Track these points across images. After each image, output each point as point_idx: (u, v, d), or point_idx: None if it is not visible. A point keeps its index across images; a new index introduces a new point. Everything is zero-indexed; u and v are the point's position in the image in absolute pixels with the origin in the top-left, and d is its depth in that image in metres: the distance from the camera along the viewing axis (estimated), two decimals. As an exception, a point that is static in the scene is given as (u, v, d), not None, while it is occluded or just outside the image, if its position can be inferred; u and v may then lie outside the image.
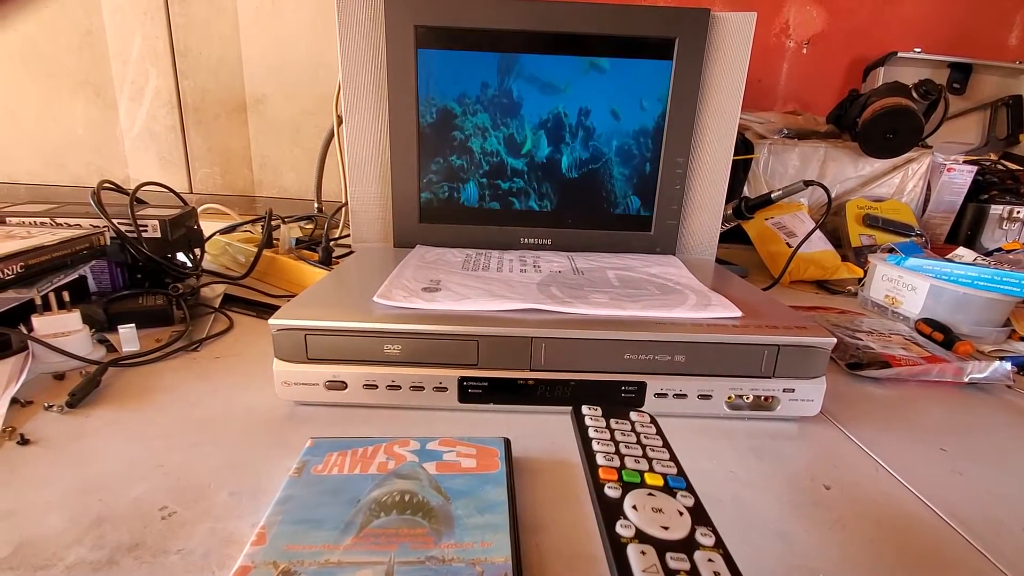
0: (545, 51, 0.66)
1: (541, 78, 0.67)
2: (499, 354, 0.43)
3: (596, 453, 0.24)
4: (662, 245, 0.72)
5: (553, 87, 0.67)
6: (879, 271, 0.79)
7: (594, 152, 0.69)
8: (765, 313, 0.47)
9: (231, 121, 1.08)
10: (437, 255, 0.62)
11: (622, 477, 0.22)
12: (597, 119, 0.68)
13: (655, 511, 0.20)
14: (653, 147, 0.69)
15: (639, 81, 0.67)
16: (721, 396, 0.44)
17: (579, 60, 0.66)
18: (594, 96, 0.68)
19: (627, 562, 0.18)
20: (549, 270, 0.57)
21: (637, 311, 0.45)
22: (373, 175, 0.71)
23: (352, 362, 0.43)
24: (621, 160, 0.69)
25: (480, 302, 0.45)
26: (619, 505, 0.21)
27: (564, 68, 0.66)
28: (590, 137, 0.69)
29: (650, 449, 0.25)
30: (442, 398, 0.44)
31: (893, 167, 1.06)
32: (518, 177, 0.70)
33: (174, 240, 0.69)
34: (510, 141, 0.69)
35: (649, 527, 0.20)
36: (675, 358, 0.43)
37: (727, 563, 0.18)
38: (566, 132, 0.69)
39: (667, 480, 0.23)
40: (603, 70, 0.66)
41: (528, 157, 0.69)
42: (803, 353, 0.43)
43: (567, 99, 0.68)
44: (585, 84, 0.67)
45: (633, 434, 0.26)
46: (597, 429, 0.26)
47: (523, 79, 0.67)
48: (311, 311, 0.44)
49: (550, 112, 0.68)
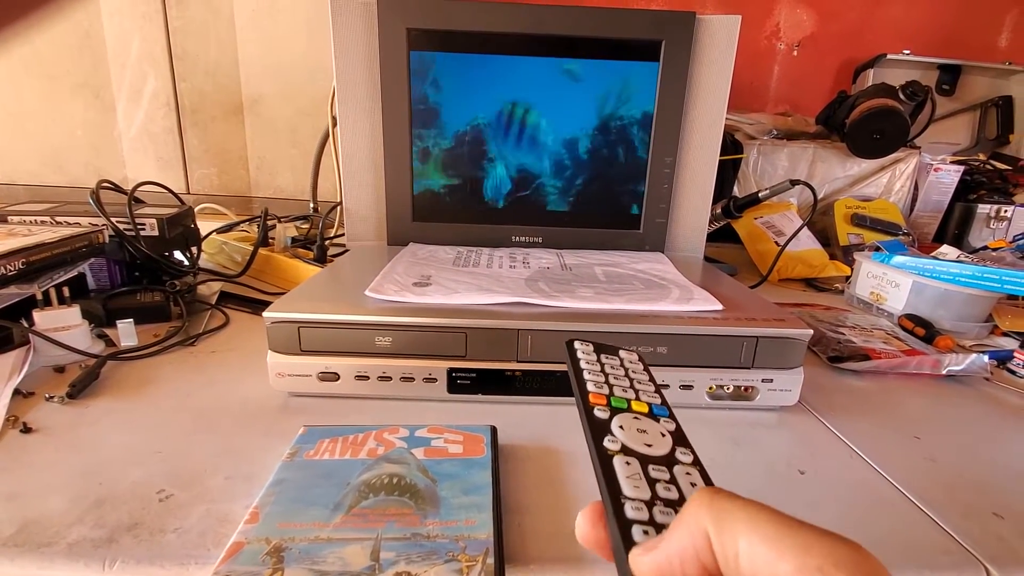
0: (534, 53, 0.67)
1: (532, 79, 0.68)
2: (487, 346, 0.44)
3: (587, 381, 0.26)
4: (651, 243, 0.73)
5: (543, 88, 0.68)
6: (864, 268, 0.80)
7: (583, 152, 0.71)
8: (746, 307, 0.48)
9: (228, 122, 1.09)
10: (429, 252, 0.64)
11: (610, 403, 0.24)
12: (586, 120, 0.70)
13: (640, 432, 0.22)
14: (641, 147, 0.70)
15: (627, 83, 0.68)
16: (702, 387, 0.45)
17: (568, 62, 0.67)
18: (583, 97, 0.69)
19: (613, 470, 0.20)
20: (538, 266, 0.58)
21: (621, 304, 0.46)
22: (367, 175, 0.73)
23: (344, 354, 0.45)
24: (610, 160, 0.71)
25: (469, 296, 0.47)
26: (607, 424, 0.22)
27: (554, 70, 0.68)
28: (579, 138, 0.70)
29: (637, 382, 0.26)
30: (432, 389, 0.45)
31: (881, 167, 1.08)
32: (509, 176, 0.71)
33: (171, 238, 0.70)
34: (501, 141, 0.70)
35: (633, 444, 0.21)
36: (657, 349, 0.44)
37: (703, 476, 0.20)
38: (556, 132, 0.70)
39: (652, 408, 0.24)
40: (592, 71, 0.68)
41: (518, 157, 0.71)
42: (781, 344, 0.45)
43: (557, 100, 0.69)
44: (574, 85, 0.68)
45: (622, 368, 0.28)
46: (588, 361, 0.28)
47: (513, 80, 0.68)
48: (305, 304, 0.45)
49: (540, 113, 0.69)
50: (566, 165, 0.71)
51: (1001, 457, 0.43)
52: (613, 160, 0.71)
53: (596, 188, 0.72)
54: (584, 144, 0.70)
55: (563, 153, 0.71)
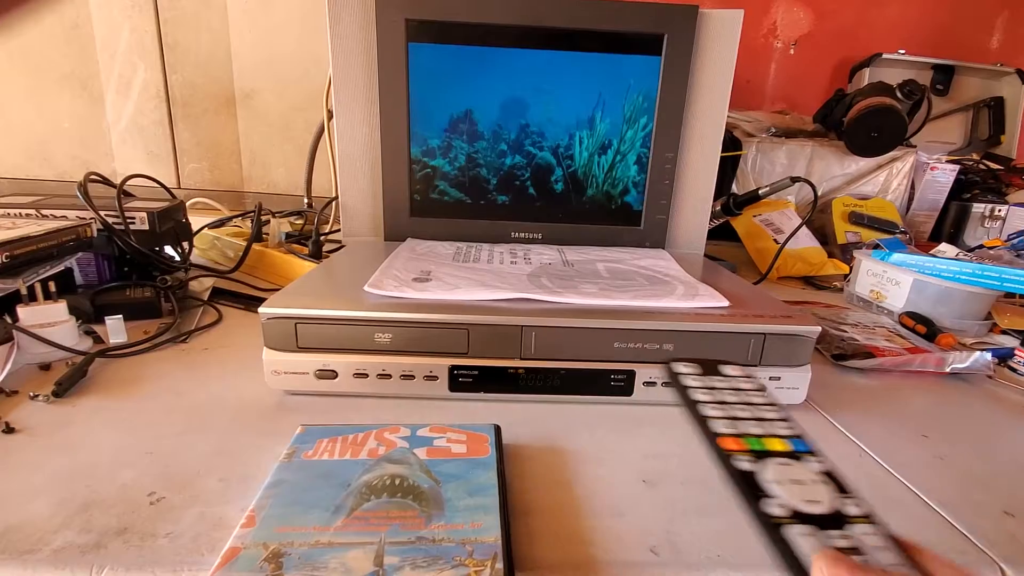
0: (535, 46, 0.66)
1: (531, 73, 0.67)
2: (489, 343, 0.43)
3: (710, 419, 0.23)
4: (652, 239, 0.72)
5: (543, 82, 0.67)
6: (864, 266, 0.80)
7: (584, 147, 0.70)
8: (752, 303, 0.48)
9: (220, 115, 1.07)
10: (428, 247, 0.62)
11: (751, 447, 0.21)
12: (587, 114, 0.69)
13: (795, 483, 0.19)
14: (643, 143, 0.69)
15: (629, 77, 0.67)
16: (709, 384, 0.45)
17: (569, 55, 0.66)
18: (584, 91, 0.68)
19: (791, 546, 0.17)
20: (540, 262, 0.57)
21: (626, 300, 0.45)
22: (363, 169, 0.71)
23: (342, 351, 0.43)
24: (611, 156, 0.70)
25: (470, 292, 0.46)
26: (756, 481, 0.19)
27: (554, 63, 0.67)
28: (580, 132, 0.69)
29: (761, 409, 0.23)
30: (432, 387, 0.44)
31: (878, 165, 1.08)
32: (508, 172, 0.70)
33: (162, 233, 0.69)
34: (500, 136, 0.69)
35: (798, 503, 0.18)
36: (663, 346, 0.43)
37: (883, 533, 0.17)
38: (556, 127, 0.69)
39: (793, 445, 0.21)
40: (593, 65, 0.67)
41: (518, 152, 0.70)
42: (789, 341, 0.44)
43: (557, 94, 0.68)
44: (575, 79, 0.67)
45: (736, 392, 0.25)
46: (702, 390, 0.25)
47: (513, 74, 0.67)
48: (302, 300, 0.44)
49: (539, 106, 0.68)
50: (566, 160, 0.70)
51: (1009, 455, 0.43)
52: (614, 156, 0.70)
53: (596, 184, 0.71)
54: (584, 139, 0.69)
55: (563, 148, 0.70)
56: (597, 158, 0.70)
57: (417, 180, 0.70)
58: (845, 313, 0.73)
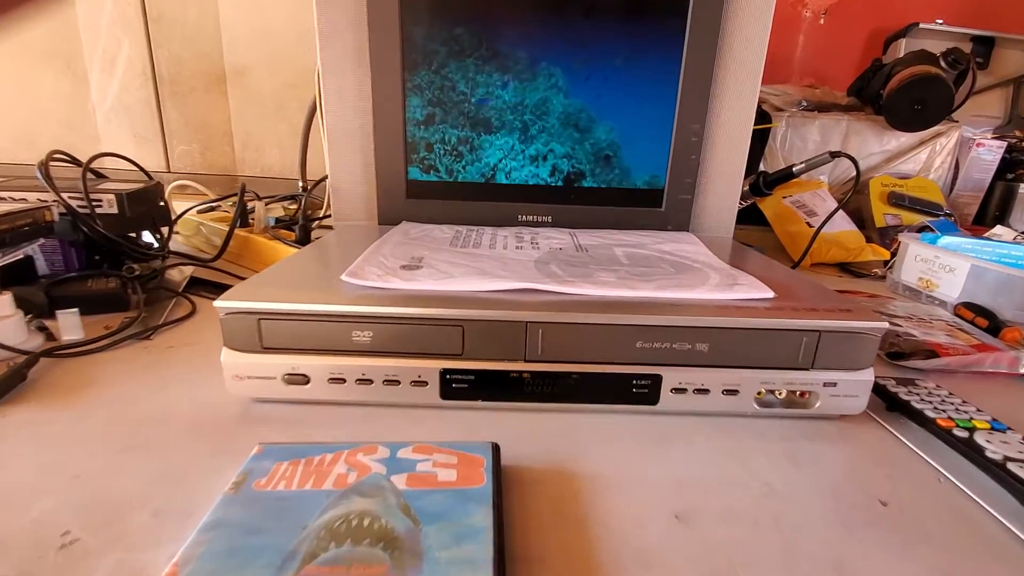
0: (546, 11, 0.58)
1: (540, 41, 0.59)
2: (488, 342, 0.36)
3: (921, 410, 0.35)
4: (674, 222, 0.65)
5: (554, 50, 0.60)
6: (912, 251, 0.72)
7: (599, 120, 0.62)
8: (800, 294, 0.40)
9: (209, 94, 1.00)
10: (423, 231, 0.56)
11: (958, 424, 0.30)
12: (603, 84, 0.61)
13: (1003, 443, 0.29)
14: (665, 113, 0.62)
15: (650, 41, 0.59)
16: (750, 391, 0.38)
17: (583, 20, 0.59)
18: (599, 59, 0.60)
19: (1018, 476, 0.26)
20: (549, 247, 0.50)
21: (651, 292, 0.38)
22: (355, 147, 0.64)
23: (315, 351, 0.37)
24: (629, 128, 0.62)
25: (467, 281, 0.39)
26: (973, 441, 0.30)
27: (566, 29, 0.59)
28: (595, 104, 0.62)
29: (958, 406, 0.35)
30: (421, 394, 0.37)
31: (920, 142, 0.99)
32: (515, 148, 0.63)
33: (134, 217, 0.62)
34: (506, 109, 0.62)
35: (1009, 452, 0.28)
36: (696, 347, 0.36)
37: None
38: (569, 98, 0.61)
39: (992, 424, 0.31)
40: (612, 29, 0.59)
41: (526, 126, 0.62)
42: (848, 340, 0.36)
43: (569, 63, 0.60)
44: (590, 46, 0.60)
45: (936, 396, 0.36)
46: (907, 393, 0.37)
47: (521, 42, 0.59)
48: (268, 291, 0.37)
49: (550, 77, 0.61)
50: (580, 135, 0.62)
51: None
52: (633, 129, 0.62)
53: (613, 161, 0.63)
54: (601, 111, 0.62)
55: (577, 121, 0.62)
56: (614, 131, 0.62)
57: (413, 159, 0.63)
58: (892, 304, 0.65)
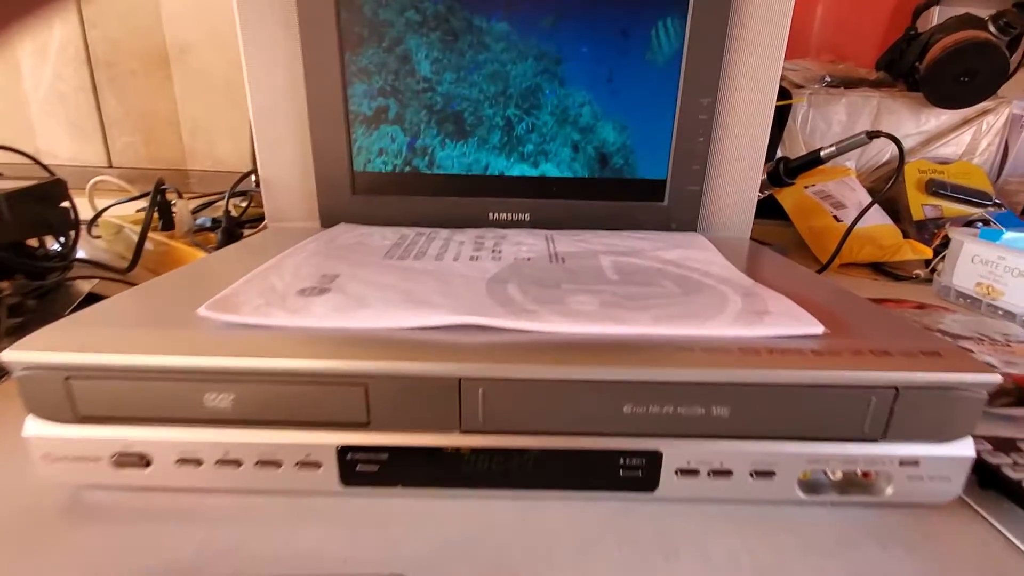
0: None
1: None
2: (406, 407, 0.25)
3: None
4: (679, 219, 0.53)
5: (531, 12, 0.48)
6: (967, 251, 0.59)
7: (586, 94, 0.50)
8: (861, 326, 0.28)
9: (151, 78, 0.89)
10: (358, 237, 0.44)
11: None
12: (589, 52, 0.49)
13: None
14: (667, 85, 0.49)
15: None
16: (791, 472, 0.26)
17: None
18: (586, 21, 0.48)
19: None
20: (514, 257, 0.38)
21: (646, 326, 0.27)
22: (290, 132, 0.53)
23: (155, 422, 0.25)
24: (623, 105, 0.50)
25: (381, 314, 0.27)
26: None
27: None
28: (581, 74, 0.49)
29: None
30: (314, 479, 0.26)
31: (963, 121, 0.86)
32: (484, 130, 0.51)
33: (23, 222, 0.51)
34: (474, 82, 0.50)
35: None
36: (713, 411, 0.25)
37: None
38: (549, 69, 0.49)
39: None
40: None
41: (498, 103, 0.50)
42: (938, 400, 0.25)
43: (551, 26, 0.48)
44: (574, 6, 0.48)
45: None
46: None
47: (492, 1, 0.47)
48: (81, 336, 0.25)
49: (526, 43, 0.49)
50: (562, 113, 0.51)
51: None
52: (627, 105, 0.50)
53: (604, 144, 0.51)
54: (587, 83, 0.50)
55: (558, 97, 0.50)
56: (604, 108, 0.50)
57: (360, 146, 0.51)
58: (948, 317, 0.53)
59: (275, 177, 0.54)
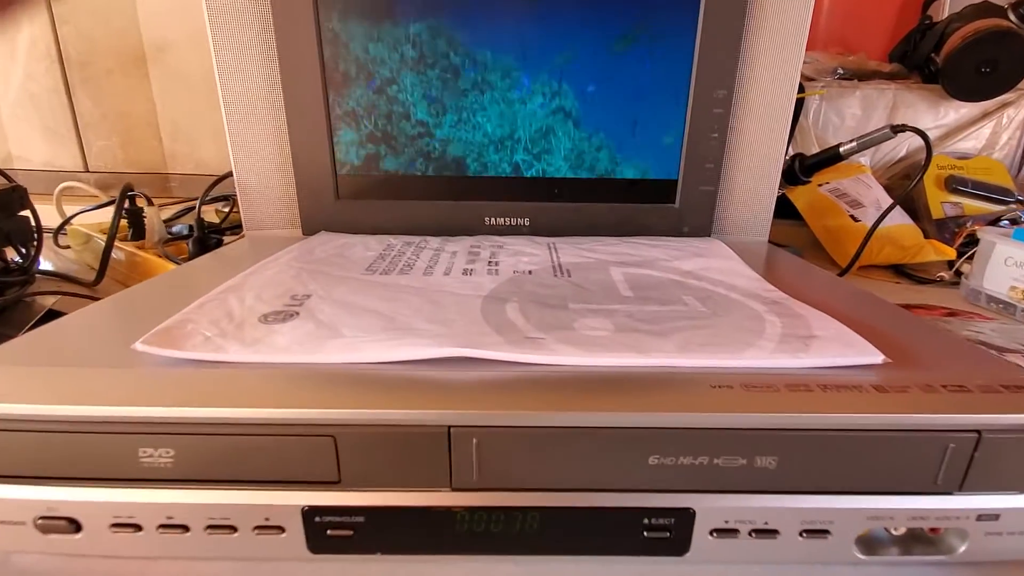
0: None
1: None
2: (384, 461, 0.20)
3: None
4: (691, 223, 0.48)
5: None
6: (1000, 252, 0.55)
7: (591, 88, 0.46)
8: (925, 355, 0.24)
9: (128, 78, 0.84)
10: (338, 247, 0.40)
11: None
12: (595, 40, 0.45)
13: None
14: (679, 77, 0.45)
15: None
16: (849, 531, 0.22)
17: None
18: (592, 8, 0.44)
19: None
20: (513, 270, 0.34)
21: (672, 357, 0.22)
22: (267, 131, 0.48)
23: (85, 481, 0.21)
24: (631, 99, 0.46)
25: (356, 345, 0.23)
26: None
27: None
28: (586, 67, 0.45)
29: None
30: (276, 546, 0.22)
31: (983, 114, 0.82)
32: (478, 127, 0.47)
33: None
34: (465, 74, 0.45)
35: None
36: (756, 462, 0.20)
37: None
38: (550, 60, 0.45)
39: None
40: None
41: (492, 97, 0.46)
42: (1022, 445, 0.20)
43: (552, 14, 0.44)
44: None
45: None
46: None
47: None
48: (2, 374, 0.21)
49: (525, 32, 0.44)
50: (565, 108, 0.46)
51: None
52: (636, 98, 0.46)
53: (609, 142, 0.47)
54: (592, 76, 0.45)
55: (561, 90, 0.46)
56: (610, 103, 0.46)
57: (343, 146, 0.47)
58: (983, 326, 0.49)
59: (252, 182, 0.50)
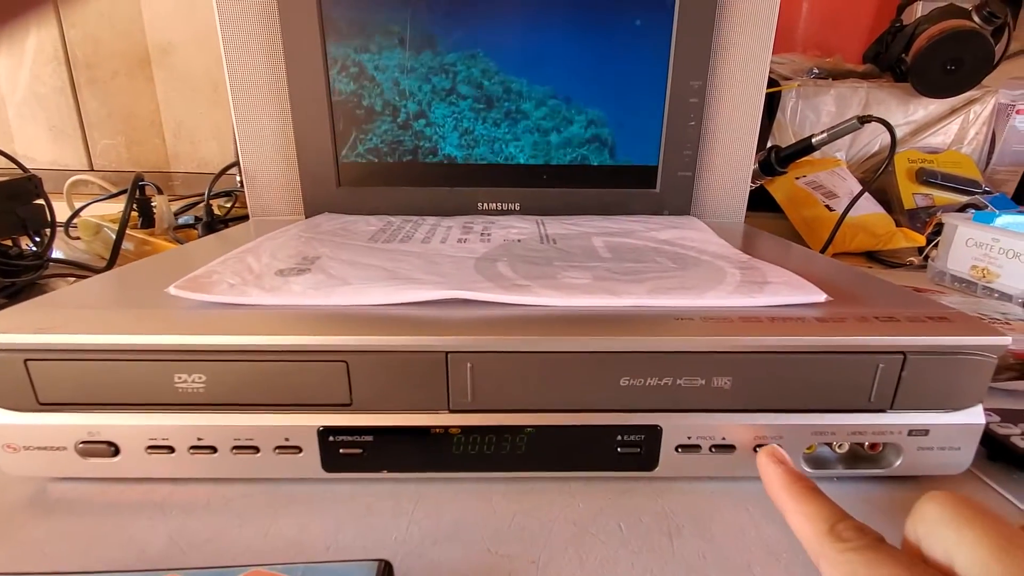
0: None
1: None
2: (390, 385, 0.23)
3: None
4: (671, 206, 0.52)
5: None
6: (961, 234, 0.59)
7: (575, 81, 0.49)
8: (863, 294, 0.27)
9: (133, 78, 0.87)
10: (341, 224, 0.43)
11: None
12: (576, 33, 0.48)
13: None
14: (656, 68, 0.49)
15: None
16: (796, 445, 0.25)
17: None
18: (573, 4, 0.47)
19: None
20: (504, 238, 0.37)
21: (642, 298, 0.25)
22: (273, 122, 0.51)
23: (123, 407, 0.24)
24: (612, 89, 0.49)
25: (362, 291, 0.26)
26: None
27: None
28: (568, 60, 0.49)
29: None
30: (294, 465, 0.24)
31: (951, 110, 0.86)
32: (472, 118, 0.50)
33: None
34: (458, 69, 0.49)
35: None
36: (713, 382, 0.23)
37: None
38: (535, 54, 0.48)
39: None
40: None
41: (485, 90, 0.49)
42: (948, 365, 0.23)
43: (536, 9, 0.48)
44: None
45: None
46: None
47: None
48: (45, 316, 0.24)
49: (512, 26, 0.48)
50: (551, 99, 0.50)
51: None
52: (617, 89, 0.49)
53: (593, 131, 0.50)
54: (575, 69, 0.49)
55: (546, 82, 0.49)
56: (593, 93, 0.49)
57: (344, 136, 0.50)
58: (943, 299, 0.52)
59: (258, 170, 0.53)
